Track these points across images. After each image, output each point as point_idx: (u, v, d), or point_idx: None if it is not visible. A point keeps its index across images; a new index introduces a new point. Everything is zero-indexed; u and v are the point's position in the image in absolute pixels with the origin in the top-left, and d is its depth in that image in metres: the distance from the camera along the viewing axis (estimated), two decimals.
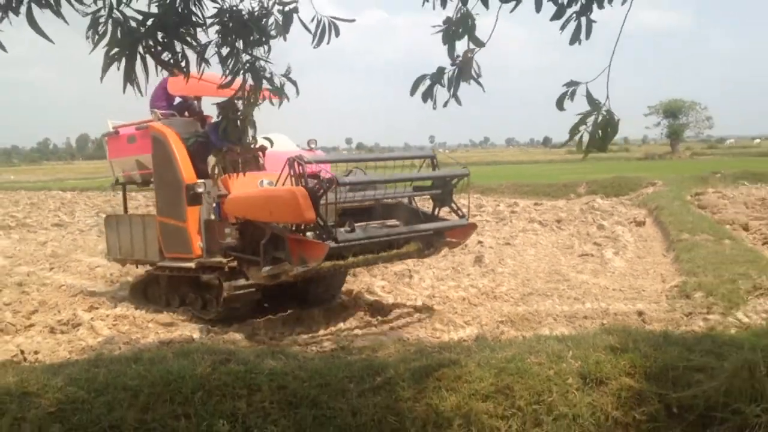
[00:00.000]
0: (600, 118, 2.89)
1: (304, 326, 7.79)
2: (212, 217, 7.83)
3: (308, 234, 6.54)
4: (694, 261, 9.67)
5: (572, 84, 2.99)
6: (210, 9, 3.15)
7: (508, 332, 7.01)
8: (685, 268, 9.57)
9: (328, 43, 3.61)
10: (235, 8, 3.17)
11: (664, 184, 22.66)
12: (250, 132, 3.85)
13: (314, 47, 3.62)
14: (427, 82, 3.25)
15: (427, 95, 3.26)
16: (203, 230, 7.69)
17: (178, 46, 3.01)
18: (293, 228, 6.59)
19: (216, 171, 7.50)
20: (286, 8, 3.47)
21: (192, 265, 7.67)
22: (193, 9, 3.02)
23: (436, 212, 7.65)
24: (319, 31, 3.54)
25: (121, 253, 9.06)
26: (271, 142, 4.94)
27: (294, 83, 3.67)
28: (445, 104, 3.31)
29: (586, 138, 2.92)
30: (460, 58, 3.20)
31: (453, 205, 7.56)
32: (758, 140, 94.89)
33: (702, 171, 28.27)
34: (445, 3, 3.29)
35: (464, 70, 3.20)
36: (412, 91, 3.27)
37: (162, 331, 7.79)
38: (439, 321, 7.65)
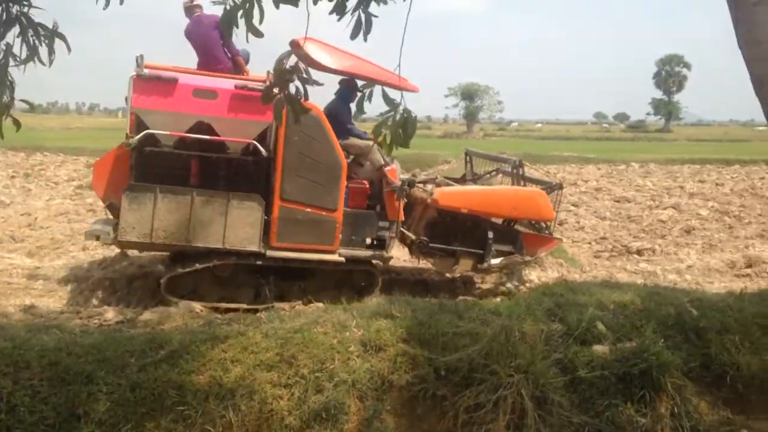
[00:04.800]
0: (398, 116, 3.06)
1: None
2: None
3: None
4: None
5: (368, 85, 3.18)
6: None
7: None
8: None
9: (120, 3, 3.38)
10: None
11: (457, 163, 24.34)
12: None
13: (104, 9, 3.40)
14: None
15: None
16: (343, 220, 7.06)
17: None
18: (512, 223, 7.93)
19: (377, 157, 7.30)
20: None
21: (339, 257, 7.04)
22: None
23: None
24: None
25: (156, 235, 6.75)
26: None
27: (63, 39, 3.39)
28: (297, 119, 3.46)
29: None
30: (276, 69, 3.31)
31: None
32: (540, 125, 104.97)
33: (491, 151, 30.68)
34: None
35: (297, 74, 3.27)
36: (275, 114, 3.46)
37: None
38: None
